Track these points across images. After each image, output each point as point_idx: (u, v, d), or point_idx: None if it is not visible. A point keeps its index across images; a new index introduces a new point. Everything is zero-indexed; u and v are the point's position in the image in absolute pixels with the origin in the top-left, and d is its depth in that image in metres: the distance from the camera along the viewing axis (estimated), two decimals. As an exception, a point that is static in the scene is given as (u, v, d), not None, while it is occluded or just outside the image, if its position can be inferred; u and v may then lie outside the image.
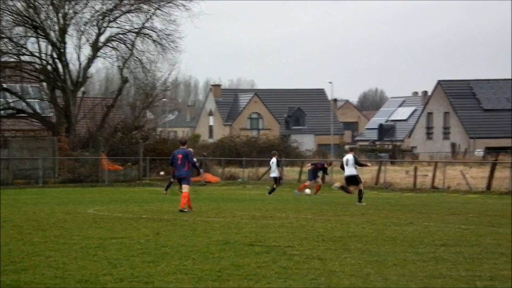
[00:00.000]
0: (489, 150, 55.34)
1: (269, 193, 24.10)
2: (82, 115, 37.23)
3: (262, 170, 36.07)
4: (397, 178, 31.52)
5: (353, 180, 19.74)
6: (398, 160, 43.93)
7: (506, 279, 8.00)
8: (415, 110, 74.04)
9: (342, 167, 20.48)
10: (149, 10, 36.46)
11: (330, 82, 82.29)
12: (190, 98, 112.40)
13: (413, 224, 13.82)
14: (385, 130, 74.75)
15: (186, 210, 15.95)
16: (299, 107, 73.05)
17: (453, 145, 60.44)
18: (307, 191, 24.69)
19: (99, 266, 8.78)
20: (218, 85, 77.86)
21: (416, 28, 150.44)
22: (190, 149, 23.17)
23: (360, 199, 19.44)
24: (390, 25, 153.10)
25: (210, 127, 74.49)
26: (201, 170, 18.71)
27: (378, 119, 79.34)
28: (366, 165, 22.46)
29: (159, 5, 36.34)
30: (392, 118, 76.95)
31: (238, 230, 12.40)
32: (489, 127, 60.13)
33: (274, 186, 24.39)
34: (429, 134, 65.06)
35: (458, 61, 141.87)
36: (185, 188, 16.02)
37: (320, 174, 25.94)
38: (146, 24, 36.56)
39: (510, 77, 64.49)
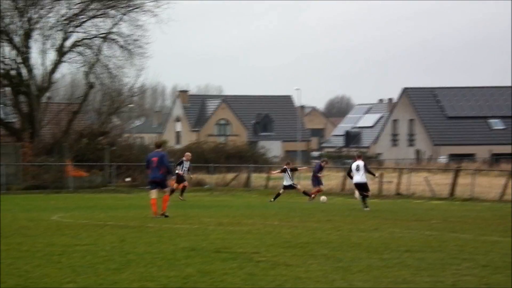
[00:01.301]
0: (452, 157, 56.32)
1: (306, 195, 24.69)
2: (46, 121, 36.70)
3: (230, 176, 36.03)
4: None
5: (364, 187, 20.06)
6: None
7: (468, 285, 8.13)
8: (381, 117, 74.97)
9: (349, 174, 20.59)
10: (116, 16, 36.20)
11: (298, 89, 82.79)
12: (157, 103, 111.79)
13: (378, 230, 13.96)
14: (351, 137, 75.48)
15: (168, 215, 16.05)
16: (267, 114, 73.29)
17: (417, 152, 61.34)
18: (323, 198, 24.15)
19: (63, 273, 8.65)
20: (186, 91, 77.67)
21: (382, 36, 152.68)
22: (188, 157, 23.51)
23: (364, 200, 19.91)
24: (356, 32, 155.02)
25: (178, 133, 74.18)
26: (173, 177, 18.76)
27: (344, 125, 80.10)
28: (373, 174, 21.72)
29: (126, 11, 36.09)
30: (358, 125, 77.76)
31: (204, 237, 12.36)
32: (453, 134, 61.21)
33: (299, 189, 24.90)
34: (394, 141, 65.92)
35: (423, 69, 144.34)
36: (167, 191, 16.29)
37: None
38: (113, 29, 36.29)
39: (474, 85, 65.79)
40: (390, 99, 76.83)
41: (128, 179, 34.40)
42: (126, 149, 36.94)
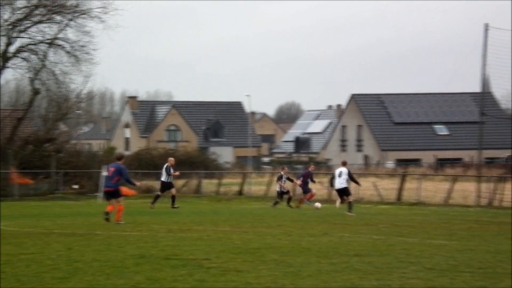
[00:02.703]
0: (399, 162, 57.45)
1: (275, 204, 24.60)
2: (-10, 128, 35.68)
3: (180, 182, 35.79)
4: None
5: (345, 192, 20.56)
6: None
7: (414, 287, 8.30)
8: (330, 123, 75.92)
9: (331, 180, 21.12)
10: (62, 21, 35.53)
11: (248, 95, 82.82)
12: (105, 110, 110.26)
13: (327, 235, 14.11)
14: (301, 143, 76.17)
15: (122, 223, 16.11)
16: (217, 120, 73.21)
17: (365, 157, 62.32)
18: (317, 204, 23.73)
19: (6, 283, 8.41)
20: (135, 97, 76.90)
21: (331, 42, 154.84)
22: (172, 162, 23.27)
23: (350, 208, 20.18)
24: (306, 39, 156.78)
25: (127, 139, 73.30)
26: (137, 184, 18.95)
27: (294, 131, 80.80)
28: (358, 183, 21.94)
29: (72, 16, 35.47)
30: (308, 131, 78.57)
31: (154, 244, 12.24)
32: (399, 139, 62.48)
33: (277, 199, 24.77)
34: (343, 146, 66.84)
35: (370, 76, 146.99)
36: (121, 201, 16.49)
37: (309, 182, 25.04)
38: (59, 35, 35.61)
39: (419, 92, 67.36)
40: (338, 106, 77.92)
41: (75, 186, 33.80)
42: (74, 156, 36.29)
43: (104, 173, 25.30)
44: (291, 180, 25.86)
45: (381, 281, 8.63)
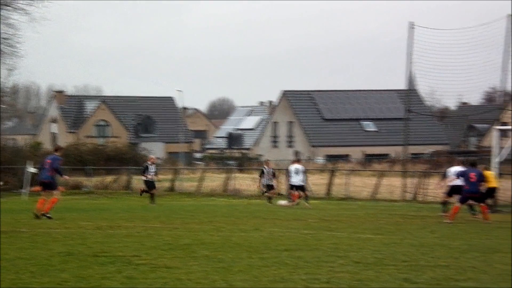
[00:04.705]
0: (328, 157, 58.52)
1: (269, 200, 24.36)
2: None
3: (109, 178, 35.17)
4: (244, 185, 32.24)
5: (301, 188, 21.85)
6: (246, 168, 44.97)
7: (342, 281, 8.48)
8: (262, 119, 76.42)
9: (288, 176, 21.79)
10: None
11: (180, 91, 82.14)
12: (31, 104, 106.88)
13: (258, 230, 14.21)
14: (233, 139, 76.32)
15: (50, 215, 15.92)
16: (148, 115, 72.32)
17: (296, 153, 63.12)
18: (282, 202, 23.36)
19: None
20: (62, 91, 74.97)
21: (262, 38, 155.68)
22: (153, 160, 23.13)
23: (306, 200, 21.87)
24: (237, 34, 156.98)
25: (54, 135, 71.37)
26: (65, 177, 18.67)
27: (226, 127, 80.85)
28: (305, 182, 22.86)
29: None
30: (240, 126, 78.81)
31: (82, 241, 11.99)
32: (329, 136, 63.62)
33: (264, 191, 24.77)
34: (274, 142, 67.45)
35: (301, 72, 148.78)
36: (57, 194, 16.36)
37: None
38: (-19, 27, 34.27)
39: (347, 88, 68.74)
40: (270, 102, 78.51)
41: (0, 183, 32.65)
42: (-3, 151, 35.04)
43: (31, 170, 24.58)
44: (274, 175, 25.88)
45: (310, 275, 8.77)
